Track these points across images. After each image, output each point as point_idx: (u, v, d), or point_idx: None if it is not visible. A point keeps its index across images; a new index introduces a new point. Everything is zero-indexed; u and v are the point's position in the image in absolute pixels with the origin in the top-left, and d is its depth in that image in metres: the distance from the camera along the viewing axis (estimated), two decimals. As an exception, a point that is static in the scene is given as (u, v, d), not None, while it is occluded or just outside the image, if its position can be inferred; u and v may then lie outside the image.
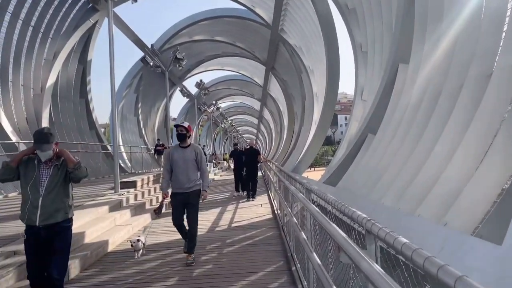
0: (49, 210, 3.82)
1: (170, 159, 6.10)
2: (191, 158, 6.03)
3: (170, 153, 6.18)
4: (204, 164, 6.15)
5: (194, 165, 6.05)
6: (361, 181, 9.52)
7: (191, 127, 6.06)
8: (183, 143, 6.10)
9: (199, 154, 6.11)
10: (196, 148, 6.14)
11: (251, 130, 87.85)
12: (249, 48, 33.38)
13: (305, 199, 3.80)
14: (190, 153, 6.05)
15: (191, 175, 6.03)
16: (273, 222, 9.52)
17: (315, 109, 23.56)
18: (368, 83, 13.77)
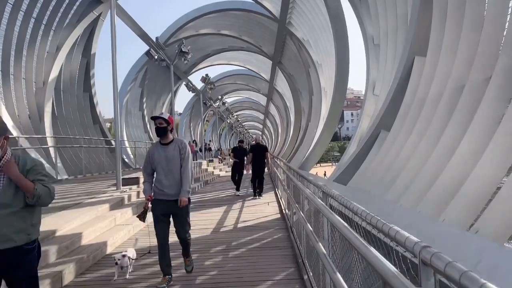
0: (4, 231, 2.87)
1: (150, 160, 5.04)
2: (175, 156, 4.99)
3: (149, 153, 5.11)
4: (187, 162, 5.04)
5: (178, 165, 5.04)
6: (375, 180, 9.01)
7: (172, 119, 5.09)
8: (164, 139, 5.03)
9: (184, 149, 5.04)
10: (180, 143, 5.10)
11: (257, 126, 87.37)
12: (256, 42, 32.80)
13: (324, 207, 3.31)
14: (173, 150, 5.00)
15: (175, 177, 5.00)
16: (281, 223, 9.06)
17: (323, 105, 23.01)
18: (380, 77, 13.22)
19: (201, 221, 9.59)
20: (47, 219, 7.31)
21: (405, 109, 9.68)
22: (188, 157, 5.05)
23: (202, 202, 13.35)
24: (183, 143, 5.12)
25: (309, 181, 4.69)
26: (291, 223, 8.26)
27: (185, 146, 5.09)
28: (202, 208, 11.72)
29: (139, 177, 12.83)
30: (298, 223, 7.37)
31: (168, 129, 5.00)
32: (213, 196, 14.98)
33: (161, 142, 5.05)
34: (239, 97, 65.27)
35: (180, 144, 5.07)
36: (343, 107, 20.13)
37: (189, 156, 5.07)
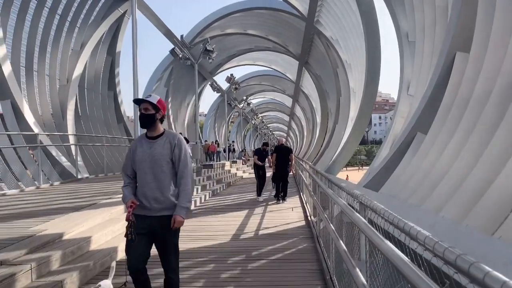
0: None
1: (131, 157, 3.69)
2: (163, 155, 3.57)
3: (131, 149, 3.73)
4: (185, 164, 3.62)
5: (169, 167, 3.60)
6: (411, 187, 8.20)
7: (163, 103, 3.69)
8: (151, 131, 3.62)
9: (178, 147, 3.59)
10: (172, 137, 3.65)
11: (281, 127, 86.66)
12: (282, 42, 32.15)
13: (365, 225, 2.63)
14: (161, 147, 3.59)
15: (164, 185, 3.56)
16: (306, 231, 8.35)
17: (352, 106, 22.13)
18: (416, 76, 12.33)
19: (221, 226, 9.00)
20: (54, 221, 6.86)
21: (444, 109, 8.82)
22: (186, 158, 3.61)
23: (223, 205, 12.77)
24: (177, 137, 3.67)
25: (341, 188, 4.00)
26: (317, 232, 7.55)
27: (180, 142, 3.62)
28: (222, 211, 11.13)
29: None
30: (325, 232, 6.67)
31: (157, 118, 3.58)
32: (235, 199, 14.40)
33: (147, 135, 3.65)
34: (264, 98, 64.78)
35: (173, 139, 3.61)
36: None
37: (186, 156, 3.63)
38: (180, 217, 3.52)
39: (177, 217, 3.52)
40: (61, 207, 8.43)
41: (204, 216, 10.30)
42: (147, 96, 3.63)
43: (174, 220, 3.51)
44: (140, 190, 3.63)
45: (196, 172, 16.81)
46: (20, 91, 14.81)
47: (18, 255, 5.14)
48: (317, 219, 7.83)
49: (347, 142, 19.02)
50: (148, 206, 3.57)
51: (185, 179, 3.58)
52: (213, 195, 15.15)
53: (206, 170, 18.65)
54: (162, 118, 3.67)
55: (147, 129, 3.64)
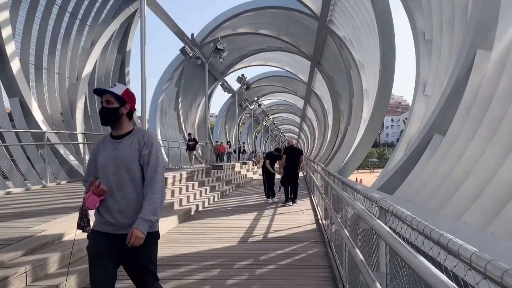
0: None
1: (94, 162, 2.99)
2: (131, 158, 2.86)
3: (93, 152, 3.04)
4: (154, 168, 2.85)
5: (139, 173, 2.88)
6: (428, 191, 7.79)
7: (131, 94, 2.98)
8: (116, 129, 2.93)
9: (148, 146, 2.87)
10: (142, 135, 2.94)
11: (293, 129, 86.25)
12: (294, 42, 31.78)
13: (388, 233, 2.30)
14: (129, 147, 2.89)
15: (132, 195, 2.86)
16: (317, 235, 8.00)
17: (365, 107, 21.66)
18: (432, 76, 11.89)
19: (228, 228, 8.70)
20: (56, 221, 6.62)
21: (464, 110, 8.39)
22: (156, 160, 2.85)
23: (231, 207, 12.48)
24: (147, 135, 2.94)
25: (357, 191, 3.66)
26: (329, 236, 7.20)
27: (150, 140, 2.89)
28: (230, 213, 10.83)
29: (166, 178, 12.11)
30: (337, 236, 6.32)
31: (122, 112, 2.88)
32: (244, 200, 14.10)
33: (112, 135, 2.96)
34: (275, 99, 64.47)
35: (142, 138, 2.89)
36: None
37: (158, 158, 2.86)
38: (139, 232, 2.63)
39: (136, 231, 2.63)
40: (65, 206, 8.20)
41: (212, 218, 10.02)
42: (111, 87, 2.94)
43: (131, 235, 2.63)
44: (103, 202, 2.85)
45: (206, 173, 16.56)
46: (29, 88, 14.72)
47: (13, 257, 4.89)
48: (329, 222, 7.48)
49: (360, 144, 18.56)
50: (112, 222, 2.81)
51: (152, 186, 2.77)
52: (222, 196, 14.87)
53: (216, 171, 18.39)
54: (130, 112, 2.94)
55: (111, 126, 2.93)
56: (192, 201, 11.89)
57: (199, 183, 14.39)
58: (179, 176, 13.28)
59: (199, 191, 13.16)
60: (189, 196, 11.93)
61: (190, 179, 14.39)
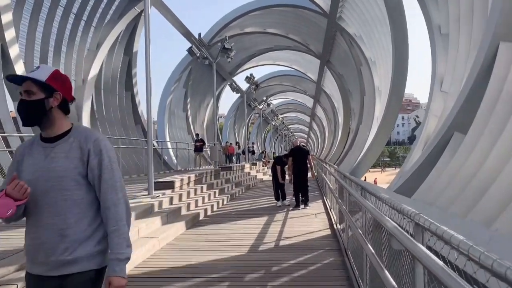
0: None
1: (16, 169, 2.02)
2: (69, 170, 1.97)
3: (15, 160, 2.08)
4: (111, 184, 2.02)
5: (81, 190, 2.00)
6: (450, 194, 7.29)
7: (59, 77, 2.06)
8: (46, 129, 2.03)
9: (97, 153, 2.01)
10: (85, 138, 2.02)
11: (302, 128, 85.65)
12: (303, 40, 31.29)
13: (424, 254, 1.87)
14: (66, 155, 1.98)
15: (71, 221, 1.96)
16: (332, 242, 7.53)
17: (377, 105, 21.12)
18: (450, 71, 11.35)
19: (238, 234, 8.27)
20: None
21: (487, 106, 7.86)
22: (112, 172, 2.03)
23: (241, 210, 12.04)
24: (92, 137, 2.04)
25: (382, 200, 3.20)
26: (345, 243, 6.73)
27: (100, 145, 2.02)
28: (240, 218, 10.38)
29: (174, 181, 11.73)
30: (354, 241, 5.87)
31: (51, 105, 2.00)
32: (254, 203, 13.67)
33: (42, 137, 2.07)
34: (285, 99, 64.01)
35: (85, 141, 2.01)
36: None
37: (112, 169, 2.04)
38: (119, 279, 1.93)
39: (115, 280, 1.93)
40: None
41: (220, 224, 9.58)
42: (31, 71, 2.02)
43: (110, 284, 1.93)
44: (31, 233, 1.98)
45: (215, 175, 16.17)
46: (33, 92, 14.37)
47: (5, 273, 4.52)
48: (344, 226, 7.02)
49: (373, 143, 18.04)
50: (44, 260, 1.94)
51: (115, 211, 1.98)
52: (232, 199, 14.46)
53: (225, 173, 18.00)
54: (64, 104, 2.03)
55: (39, 126, 2.02)
56: (200, 205, 11.49)
57: (207, 185, 14.00)
58: (187, 179, 12.89)
59: (207, 194, 12.76)
60: (197, 200, 11.53)
61: (199, 181, 14.01)
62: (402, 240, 2.25)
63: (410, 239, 2.16)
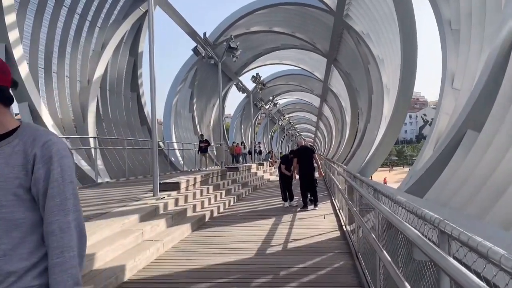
0: None
1: None
2: (9, 180, 1.45)
3: None
4: (60, 202, 1.47)
5: (23, 205, 1.48)
6: (465, 194, 7.01)
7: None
8: None
9: (46, 161, 1.47)
10: (33, 140, 1.49)
11: (309, 128, 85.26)
12: (310, 39, 31.00)
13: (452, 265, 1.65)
14: (6, 162, 1.46)
15: (8, 246, 1.44)
16: (342, 244, 7.29)
17: (385, 104, 20.78)
18: (461, 67, 11.03)
19: (244, 237, 8.05)
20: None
21: (503, 102, 7.57)
22: (63, 185, 1.49)
23: (247, 211, 11.83)
24: (43, 138, 1.50)
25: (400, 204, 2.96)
26: (355, 246, 6.49)
27: (51, 150, 1.48)
28: (246, 219, 10.16)
29: (179, 182, 11.55)
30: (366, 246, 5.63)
31: None
32: (261, 204, 13.45)
33: None
34: (291, 98, 63.70)
35: (32, 144, 1.49)
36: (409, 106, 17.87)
37: (64, 182, 1.49)
38: None
39: None
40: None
41: (227, 225, 9.37)
42: None
43: None
44: None
45: (221, 176, 15.98)
46: (38, 93, 14.34)
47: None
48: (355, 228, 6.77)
49: (381, 142, 17.71)
50: None
51: (61, 237, 1.47)
52: (238, 200, 14.25)
53: (231, 173, 17.79)
54: (2, 93, 1.52)
55: None
56: (206, 206, 11.30)
57: (214, 186, 13.81)
58: (193, 180, 12.71)
59: (213, 196, 12.56)
60: (203, 201, 11.33)
61: (205, 182, 13.82)
62: (427, 251, 2.01)
63: (437, 250, 1.92)
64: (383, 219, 4.04)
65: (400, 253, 3.15)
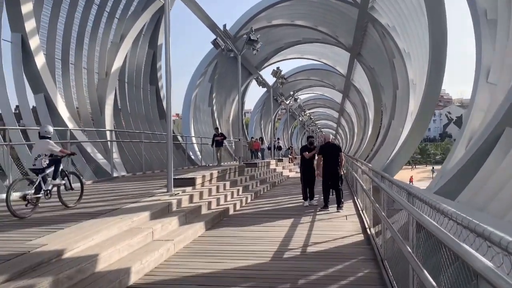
0: None
1: None
2: None
3: None
4: None
5: None
6: (506, 199, 6.33)
7: None
8: None
9: None
10: None
11: (330, 124, 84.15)
12: (333, 32, 30.17)
13: None
14: None
15: None
16: (366, 250, 6.70)
17: (411, 100, 19.92)
18: (498, 61, 10.24)
19: (260, 238, 7.54)
20: (59, 233, 5.71)
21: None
22: None
23: (265, 210, 11.32)
24: None
25: (447, 215, 2.40)
26: (381, 253, 5.92)
27: None
28: (264, 218, 9.64)
29: (195, 178, 11.14)
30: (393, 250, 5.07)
31: None
32: (279, 202, 12.93)
33: None
34: (312, 94, 62.81)
35: None
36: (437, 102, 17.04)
37: None
38: None
39: None
40: (77, 212, 7.34)
41: (243, 225, 8.85)
42: None
43: None
44: None
45: (239, 172, 15.54)
46: (54, 84, 14.13)
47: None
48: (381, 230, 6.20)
49: (407, 140, 16.93)
50: None
51: None
52: (256, 197, 13.77)
53: (249, 169, 17.32)
54: None
55: None
56: (222, 203, 10.84)
57: (231, 182, 13.36)
58: (209, 175, 12.29)
59: (230, 192, 12.11)
60: (219, 198, 10.89)
61: (222, 178, 13.39)
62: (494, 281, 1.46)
63: None
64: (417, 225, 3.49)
65: (445, 272, 2.59)
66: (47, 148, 7.19)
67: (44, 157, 7.12)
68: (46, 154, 7.16)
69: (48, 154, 7.21)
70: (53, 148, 7.27)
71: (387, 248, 5.79)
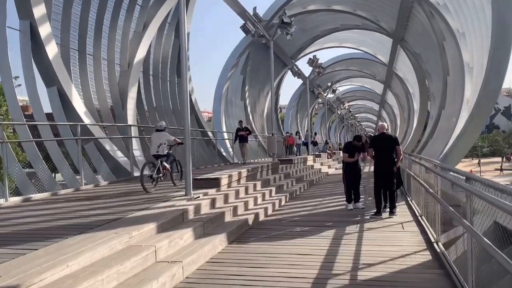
0: None
1: None
2: None
3: None
4: None
5: None
6: None
7: None
8: None
9: None
10: None
11: (370, 118, 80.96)
12: (373, 17, 27.90)
13: None
14: None
15: None
16: (438, 276, 4.92)
17: (467, 85, 17.58)
18: None
19: (296, 257, 5.88)
20: (27, 257, 4.30)
21: None
22: None
23: (301, 216, 9.59)
24: None
25: None
26: (461, 280, 4.14)
27: None
28: (300, 228, 7.93)
29: (220, 178, 9.60)
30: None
31: None
32: (317, 205, 11.17)
33: None
34: (351, 85, 60.26)
35: None
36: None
37: None
38: None
39: None
40: (68, 224, 5.98)
41: (273, 238, 7.14)
42: None
43: None
44: None
45: (272, 169, 13.93)
46: (68, 76, 13.00)
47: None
48: (467, 248, 4.42)
49: (464, 131, 14.72)
50: None
51: None
52: (291, 198, 12.13)
53: (284, 167, 15.67)
54: None
55: None
56: (251, 207, 9.26)
57: (262, 182, 11.78)
58: (237, 174, 10.75)
59: (261, 194, 10.50)
60: (247, 201, 9.29)
61: (252, 177, 11.84)
62: None
63: None
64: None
65: None
66: (165, 139, 9.17)
67: (164, 146, 9.02)
68: (164, 143, 9.06)
69: (165, 143, 9.09)
70: (169, 138, 9.29)
71: (468, 275, 4.04)
